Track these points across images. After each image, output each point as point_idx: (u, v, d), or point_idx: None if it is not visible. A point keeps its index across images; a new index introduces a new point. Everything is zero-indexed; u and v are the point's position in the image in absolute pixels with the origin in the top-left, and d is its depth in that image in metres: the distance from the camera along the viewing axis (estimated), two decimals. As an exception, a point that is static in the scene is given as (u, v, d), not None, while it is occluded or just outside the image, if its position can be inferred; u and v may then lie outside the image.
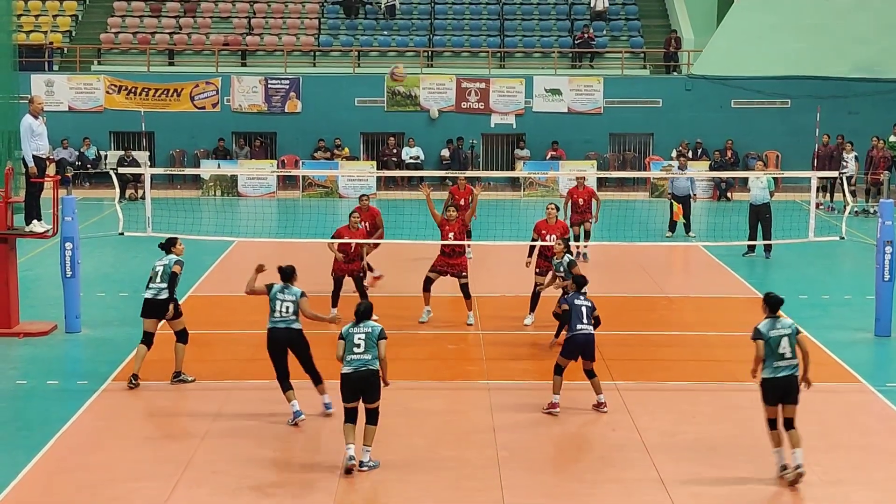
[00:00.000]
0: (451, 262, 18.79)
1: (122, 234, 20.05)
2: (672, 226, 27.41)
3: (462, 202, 23.85)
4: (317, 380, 14.43)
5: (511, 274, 21.42)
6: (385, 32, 40.33)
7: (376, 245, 20.37)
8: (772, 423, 12.51)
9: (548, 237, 18.66)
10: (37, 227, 18.22)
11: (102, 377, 15.86)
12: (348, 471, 12.51)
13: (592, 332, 14.51)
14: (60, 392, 15.42)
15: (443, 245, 18.79)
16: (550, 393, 14.65)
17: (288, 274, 14.26)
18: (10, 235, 18.24)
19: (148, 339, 15.59)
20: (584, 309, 14.50)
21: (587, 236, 24.00)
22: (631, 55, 39.44)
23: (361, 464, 12.64)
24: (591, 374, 14.67)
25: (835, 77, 36.47)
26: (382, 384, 12.81)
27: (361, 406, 12.80)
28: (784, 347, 12.35)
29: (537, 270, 18.84)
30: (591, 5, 41.11)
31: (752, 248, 24.74)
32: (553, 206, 19.43)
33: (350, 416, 12.73)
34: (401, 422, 14.21)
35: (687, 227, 27.36)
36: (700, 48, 38.14)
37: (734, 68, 36.78)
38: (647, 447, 13.41)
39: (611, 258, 23.27)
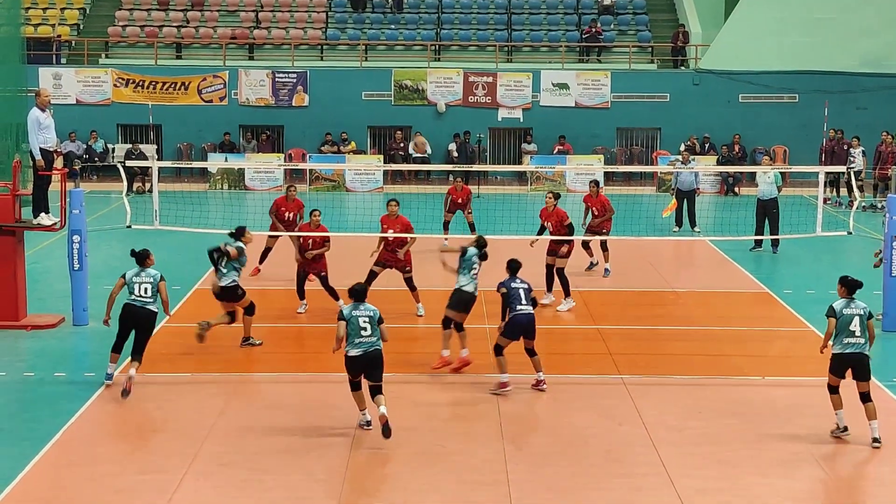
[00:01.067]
0: (394, 256, 19.01)
1: (129, 227, 20.08)
2: (678, 220, 27.38)
3: (460, 201, 23.91)
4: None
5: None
6: (392, 26, 40.32)
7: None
8: (833, 389, 13.48)
9: (546, 224, 19.66)
10: (44, 219, 18.24)
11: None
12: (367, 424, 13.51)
13: (532, 311, 15.02)
14: (68, 384, 15.46)
15: (385, 241, 19.01)
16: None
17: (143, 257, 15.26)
18: (17, 228, 18.27)
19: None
20: (521, 291, 15.00)
21: (605, 248, 22.60)
22: (638, 49, 39.39)
23: (382, 416, 13.11)
24: (531, 353, 15.16)
25: (843, 72, 36.43)
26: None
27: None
28: (855, 326, 13.35)
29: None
30: (599, -1, 41.10)
31: (758, 243, 24.72)
32: (551, 194, 19.89)
33: (356, 387, 13.49)
34: (408, 415, 14.22)
35: (692, 222, 27.32)
36: (708, 43, 38.09)
37: (742, 63, 36.75)
38: (654, 442, 13.42)
39: (618, 253, 23.23)
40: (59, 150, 19.91)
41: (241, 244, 17.03)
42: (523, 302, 14.97)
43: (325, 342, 16.84)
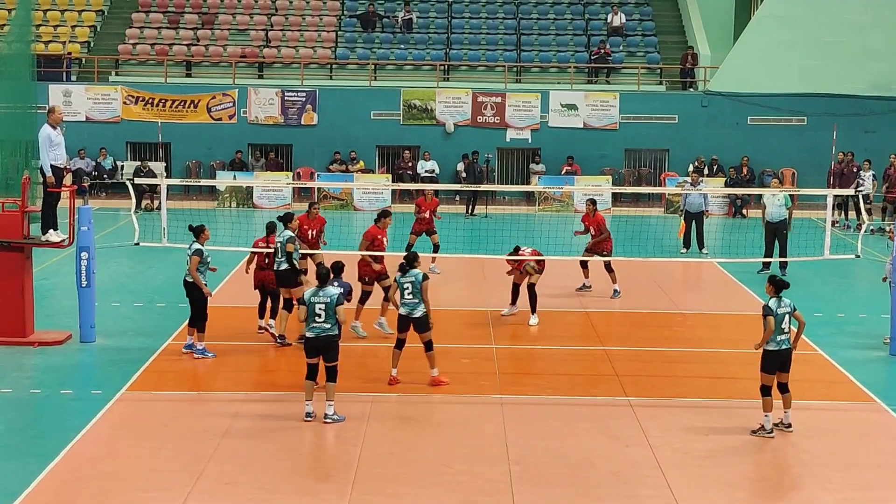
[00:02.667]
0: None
1: (137, 244, 20.12)
2: (686, 242, 27.36)
3: (427, 214, 23.83)
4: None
5: (526, 289, 21.38)
6: (402, 46, 40.41)
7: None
8: (766, 391, 14.26)
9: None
10: (53, 236, 18.28)
11: (116, 387, 15.90)
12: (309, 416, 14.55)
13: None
14: (74, 401, 15.46)
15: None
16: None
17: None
18: (26, 244, 18.31)
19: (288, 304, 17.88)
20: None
21: (609, 269, 22.38)
22: (647, 71, 39.43)
23: (326, 416, 14.44)
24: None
25: (851, 95, 36.43)
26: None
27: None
28: (785, 323, 14.21)
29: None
30: (608, 21, 41.15)
31: (767, 266, 24.67)
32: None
33: (311, 374, 14.64)
34: (414, 435, 14.22)
35: (700, 244, 27.29)
36: (716, 65, 38.12)
37: (750, 85, 36.76)
38: (660, 464, 13.39)
39: (625, 274, 23.23)
40: (68, 167, 19.97)
41: (289, 232, 17.94)
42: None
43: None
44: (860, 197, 23.43)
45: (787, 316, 14.21)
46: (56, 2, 41.34)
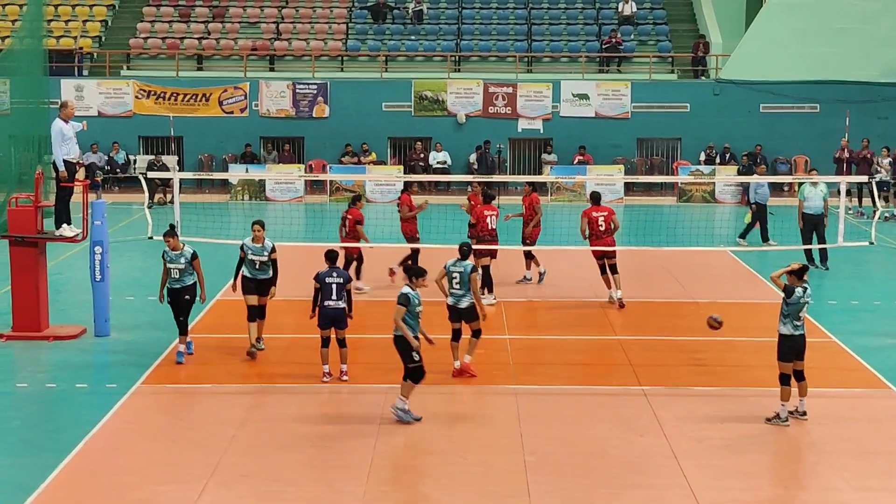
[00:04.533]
0: None
1: (151, 238, 20.17)
2: (746, 231, 26.71)
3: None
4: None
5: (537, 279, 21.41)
6: (412, 37, 40.38)
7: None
8: (785, 379, 14.29)
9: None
10: (66, 231, 18.33)
11: (131, 380, 15.95)
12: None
13: (342, 305, 15.80)
14: (89, 395, 15.51)
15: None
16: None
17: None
18: (40, 239, 18.36)
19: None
20: (334, 286, 15.72)
21: (530, 256, 22.37)
22: (658, 59, 39.35)
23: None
24: (342, 344, 15.99)
25: (864, 81, 36.29)
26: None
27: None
28: (804, 312, 14.28)
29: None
30: (619, 10, 41.06)
31: (810, 260, 23.67)
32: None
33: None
34: (428, 426, 14.22)
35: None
36: (728, 52, 38.01)
37: (762, 73, 36.65)
38: (675, 453, 13.38)
39: (638, 263, 23.22)
40: (81, 161, 20.00)
41: (270, 241, 17.31)
42: (334, 297, 15.70)
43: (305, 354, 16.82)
44: (875, 184, 23.25)
45: (805, 306, 14.28)
46: (67, -3, 41.43)
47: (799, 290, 14.23)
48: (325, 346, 15.91)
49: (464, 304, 16.06)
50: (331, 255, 16.06)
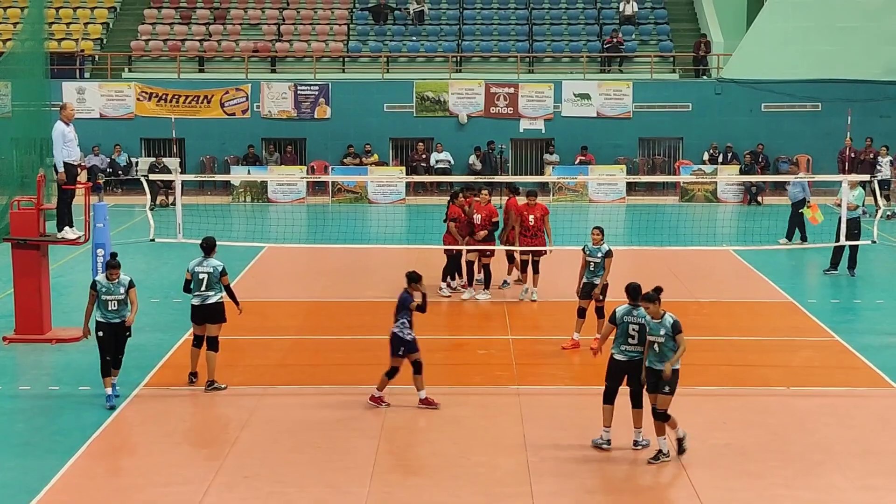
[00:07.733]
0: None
1: (153, 240, 20.18)
2: (792, 232, 26.20)
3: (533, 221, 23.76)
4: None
5: (540, 280, 21.39)
6: (414, 38, 40.37)
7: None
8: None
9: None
10: (69, 233, 18.33)
11: (134, 383, 15.95)
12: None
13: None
14: (92, 398, 15.50)
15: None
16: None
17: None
18: (42, 242, 18.37)
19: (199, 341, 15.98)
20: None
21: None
22: (660, 59, 39.32)
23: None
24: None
25: (866, 80, 36.25)
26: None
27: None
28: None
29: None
30: (620, 9, 41.03)
31: (835, 266, 23.50)
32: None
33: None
34: (431, 427, 14.23)
35: (793, 235, 25.36)
36: (729, 52, 37.98)
37: (764, 72, 36.61)
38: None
39: (640, 263, 23.19)
40: (83, 163, 20.02)
41: (219, 262, 15.98)
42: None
43: (348, 354, 16.89)
44: (876, 182, 23.22)
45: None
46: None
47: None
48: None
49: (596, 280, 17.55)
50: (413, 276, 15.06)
